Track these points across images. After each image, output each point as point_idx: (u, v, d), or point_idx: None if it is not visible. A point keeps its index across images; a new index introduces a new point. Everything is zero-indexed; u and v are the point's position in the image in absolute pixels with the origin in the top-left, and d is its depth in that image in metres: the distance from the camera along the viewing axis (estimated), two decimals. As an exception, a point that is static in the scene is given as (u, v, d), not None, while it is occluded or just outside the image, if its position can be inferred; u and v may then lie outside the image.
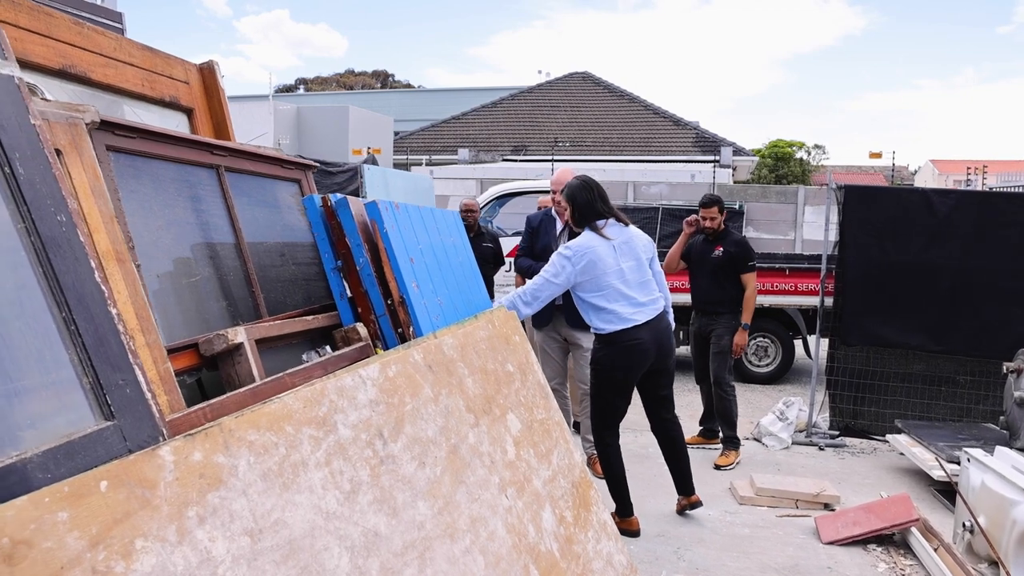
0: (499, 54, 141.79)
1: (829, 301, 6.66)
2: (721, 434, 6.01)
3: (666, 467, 5.57)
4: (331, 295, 2.92)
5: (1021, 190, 10.11)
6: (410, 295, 2.68)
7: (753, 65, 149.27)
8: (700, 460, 5.82)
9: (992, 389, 6.27)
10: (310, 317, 2.62)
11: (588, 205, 4.20)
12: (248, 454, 1.57)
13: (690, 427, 6.63)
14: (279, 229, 3.10)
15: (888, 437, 6.07)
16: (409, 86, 56.51)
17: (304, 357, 2.36)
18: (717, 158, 19.26)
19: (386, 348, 2.67)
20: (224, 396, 1.85)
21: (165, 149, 2.58)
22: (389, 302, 2.69)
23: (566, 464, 3.39)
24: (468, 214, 7.22)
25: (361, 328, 2.61)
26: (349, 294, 2.73)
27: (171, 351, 2.10)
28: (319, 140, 19.86)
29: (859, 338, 6.42)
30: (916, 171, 52.99)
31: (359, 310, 2.71)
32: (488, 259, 7.33)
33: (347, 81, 59.43)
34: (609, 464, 4.42)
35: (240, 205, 2.85)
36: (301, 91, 53.25)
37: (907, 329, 6.32)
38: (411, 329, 2.67)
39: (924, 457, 5.30)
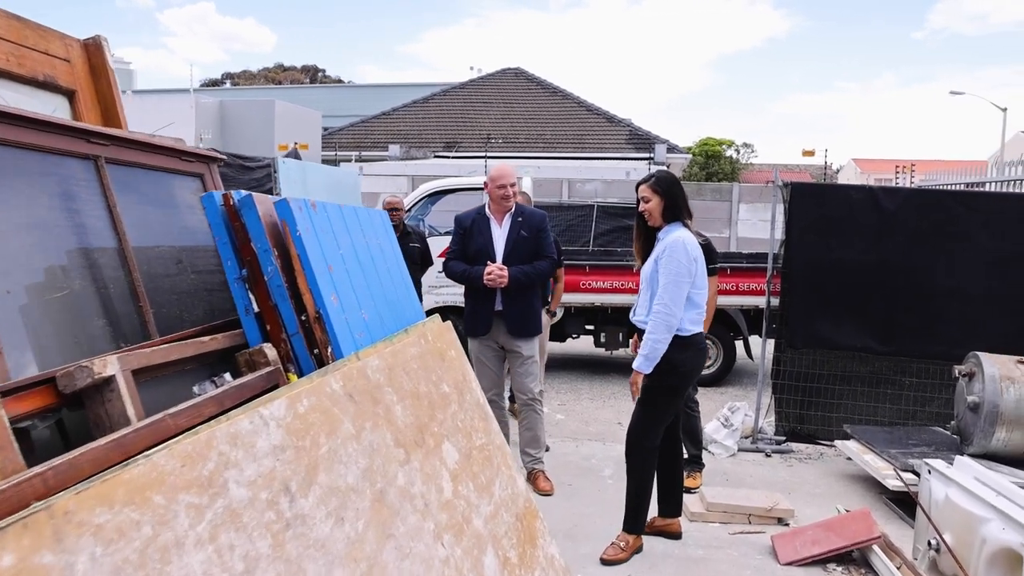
0: (431, 51, 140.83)
1: (775, 301, 6.45)
2: (686, 453, 5.67)
3: (611, 482, 5.26)
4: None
5: (950, 188, 10.12)
6: (328, 309, 2.27)
7: (682, 65, 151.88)
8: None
9: (937, 391, 6.15)
10: (207, 338, 2.19)
11: (684, 199, 4.06)
12: (94, 544, 1.15)
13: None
14: (176, 232, 2.66)
15: (837, 443, 5.88)
16: (340, 82, 55.43)
17: (195, 390, 1.94)
18: (651, 155, 19.15)
19: (300, 373, 2.26)
20: (76, 453, 1.42)
21: (26, 135, 2.12)
22: (303, 318, 2.27)
23: (509, 495, 3.02)
24: (393, 212, 6.79)
25: (269, 350, 2.19)
26: (256, 309, 2.31)
27: (19, 388, 1.66)
28: (244, 135, 19.07)
29: (805, 341, 6.22)
30: (839, 169, 54.27)
31: (268, 328, 2.29)
32: (415, 260, 6.94)
33: (275, 76, 58.04)
34: (646, 474, 4.16)
35: (125, 203, 2.40)
36: (228, 86, 51.73)
37: (853, 331, 6.14)
38: (329, 350, 2.27)
39: (877, 465, 5.10)
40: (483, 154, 16.75)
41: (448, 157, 19.52)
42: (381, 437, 2.15)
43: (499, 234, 4.98)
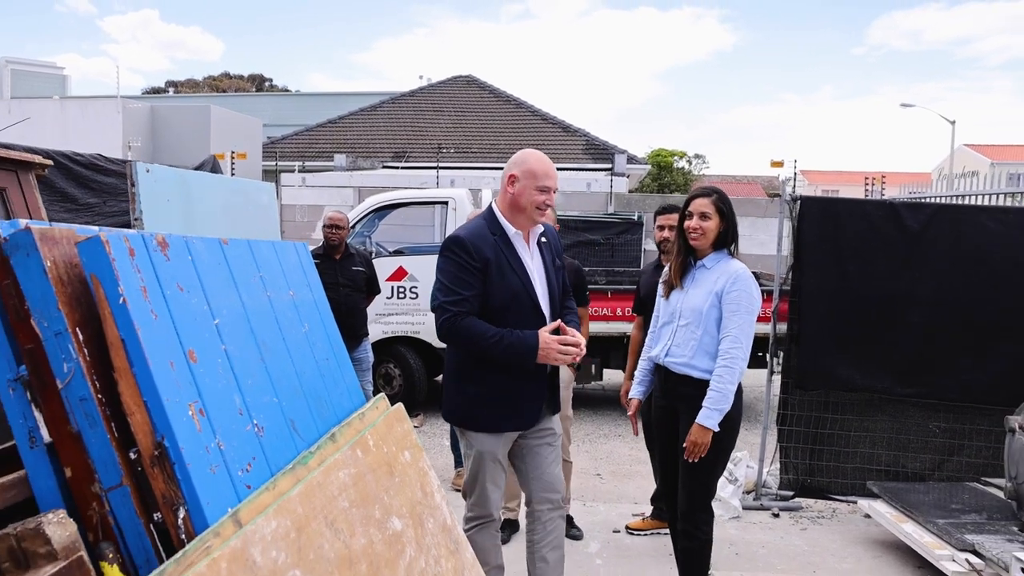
0: (381, 60, 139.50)
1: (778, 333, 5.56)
2: None
3: (600, 563, 4.37)
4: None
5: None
6: (180, 436, 1.25)
7: (632, 77, 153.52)
8: (652, 550, 4.56)
9: (968, 438, 5.30)
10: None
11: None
12: None
13: (617, 487, 5.29)
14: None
15: (861, 503, 4.98)
16: (287, 91, 54.01)
17: None
18: (611, 166, 18.32)
19: (127, 561, 1.22)
20: None
21: None
22: (133, 455, 1.24)
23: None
24: (334, 231, 5.72)
25: (56, 526, 1.16)
26: (47, 438, 1.27)
27: None
28: (176, 143, 17.69)
29: (818, 380, 5.31)
30: (786, 180, 54.23)
31: (69, 473, 1.25)
32: (359, 286, 5.89)
33: (220, 85, 56.50)
34: (709, 549, 3.53)
35: None
36: (170, 94, 49.94)
37: (873, 370, 5.25)
38: (182, 512, 1.24)
39: (923, 541, 4.19)
40: (434, 164, 15.76)
41: (397, 167, 18.46)
42: None
43: (534, 266, 3.15)
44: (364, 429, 1.90)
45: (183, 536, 1.22)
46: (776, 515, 5.31)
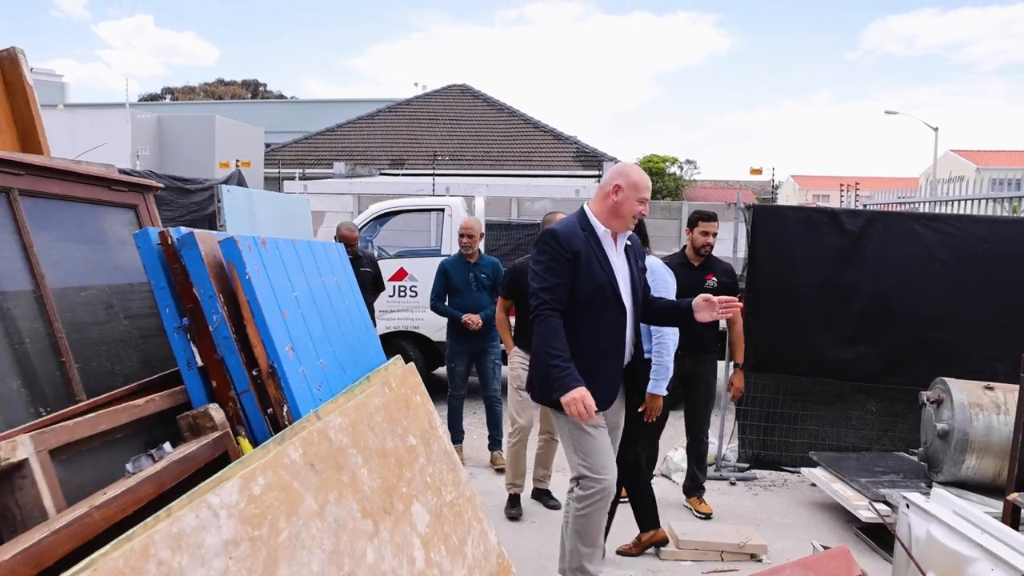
0: (376, 66, 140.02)
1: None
2: (690, 480, 5.48)
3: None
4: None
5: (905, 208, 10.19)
6: (283, 362, 2.01)
7: (626, 81, 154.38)
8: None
9: (901, 416, 6.07)
10: (142, 400, 1.90)
11: (644, 230, 4.11)
12: None
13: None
14: (106, 271, 2.35)
15: (803, 471, 5.74)
16: (282, 97, 54.59)
17: (129, 468, 1.64)
18: (600, 173, 19.11)
19: (251, 436, 1.98)
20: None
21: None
22: (255, 372, 2.00)
23: (482, 553, 2.77)
24: (348, 248, 6.42)
25: (215, 411, 1.91)
26: (200, 363, 2.02)
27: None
28: (183, 152, 18.48)
29: (770, 365, 6.08)
30: (779, 186, 55.00)
31: (214, 384, 2.01)
32: (367, 285, 6.64)
33: (216, 91, 56.95)
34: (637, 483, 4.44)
35: (44, 241, 2.10)
36: (168, 100, 50.55)
37: (818, 357, 6.02)
38: (285, 408, 1.99)
39: (847, 495, 4.97)
40: (431, 172, 16.50)
41: (395, 175, 19.23)
42: (347, 509, 1.89)
43: (619, 264, 3.39)
44: (388, 376, 2.66)
45: (286, 422, 1.98)
46: (733, 484, 6.07)
